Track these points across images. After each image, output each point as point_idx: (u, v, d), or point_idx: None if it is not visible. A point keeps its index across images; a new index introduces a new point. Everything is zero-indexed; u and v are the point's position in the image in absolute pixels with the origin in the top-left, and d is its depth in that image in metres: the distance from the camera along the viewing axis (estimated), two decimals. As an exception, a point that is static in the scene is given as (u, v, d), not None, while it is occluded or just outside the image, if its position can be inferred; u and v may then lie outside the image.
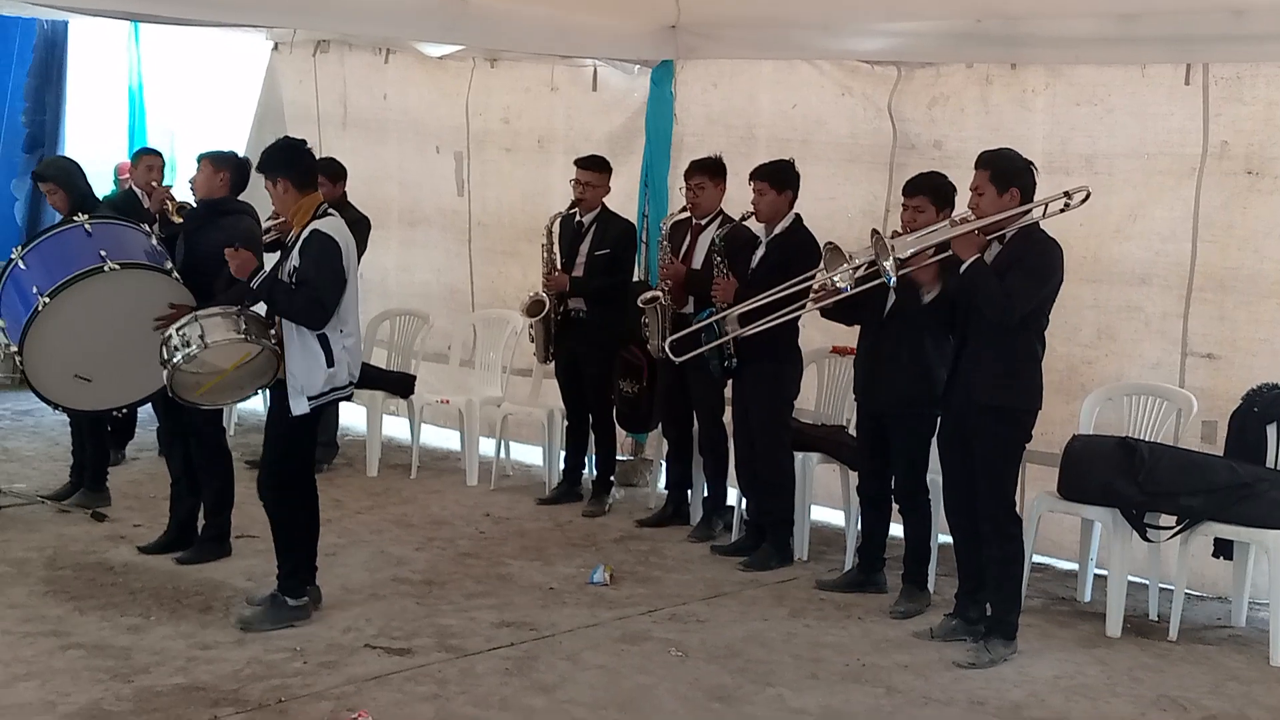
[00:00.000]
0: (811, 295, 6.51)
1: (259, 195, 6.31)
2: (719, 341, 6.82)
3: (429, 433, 9.29)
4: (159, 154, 8.76)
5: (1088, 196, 5.76)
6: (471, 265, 9.81)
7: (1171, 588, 6.25)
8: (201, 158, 6.77)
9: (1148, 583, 6.47)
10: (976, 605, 6.01)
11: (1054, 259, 5.70)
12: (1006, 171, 5.68)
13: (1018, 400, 5.74)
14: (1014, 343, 5.69)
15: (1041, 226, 5.75)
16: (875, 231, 5.91)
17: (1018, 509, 5.96)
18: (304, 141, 6.07)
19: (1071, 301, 6.72)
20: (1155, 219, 6.81)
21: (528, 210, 8.15)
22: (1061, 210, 5.75)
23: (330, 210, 5.94)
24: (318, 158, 6.51)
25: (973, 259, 5.63)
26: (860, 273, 6.00)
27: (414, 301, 9.77)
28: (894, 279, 5.78)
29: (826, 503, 7.57)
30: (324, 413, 6.09)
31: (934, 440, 6.21)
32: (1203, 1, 6.40)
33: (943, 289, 5.92)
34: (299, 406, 5.80)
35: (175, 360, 5.88)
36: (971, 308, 5.73)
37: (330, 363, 5.79)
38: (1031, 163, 5.77)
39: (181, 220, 6.97)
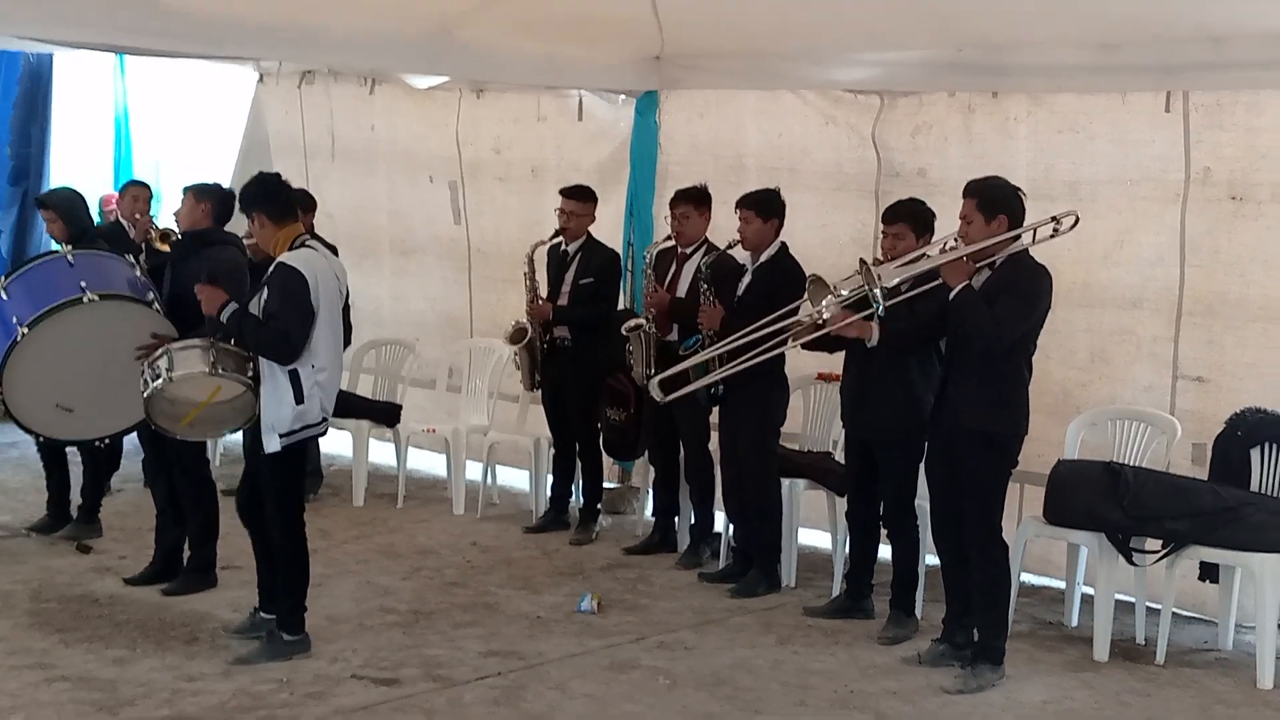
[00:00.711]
0: (793, 332, 6.47)
1: (242, 224, 6.32)
2: (708, 380, 6.78)
3: (416, 457, 9.30)
4: (146, 185, 8.79)
5: (1077, 222, 5.77)
6: (471, 293, 9.83)
7: (1159, 607, 6.26)
8: (186, 190, 6.79)
9: (1134, 601, 6.47)
10: (964, 630, 6.01)
11: (1042, 285, 5.71)
12: (994, 199, 5.70)
13: (1005, 426, 5.76)
14: (1002, 369, 5.70)
15: (1031, 253, 5.77)
16: (862, 260, 5.92)
17: (1010, 532, 5.97)
18: (278, 175, 6.07)
19: (1065, 326, 6.77)
20: (1142, 245, 6.85)
21: (525, 238, 8.20)
22: (1051, 235, 5.77)
23: (308, 242, 5.90)
24: (294, 188, 6.52)
25: (961, 286, 5.65)
26: (846, 303, 6.02)
27: (408, 330, 9.81)
28: (883, 307, 5.80)
29: (813, 525, 7.57)
30: (308, 446, 6.06)
31: (921, 465, 6.23)
32: (1182, 30, 6.45)
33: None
34: (270, 444, 5.76)
35: (146, 393, 5.91)
36: (959, 333, 5.76)
37: (299, 399, 5.73)
38: (1020, 189, 5.79)
39: (167, 249, 6.98)
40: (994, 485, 5.83)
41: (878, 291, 5.73)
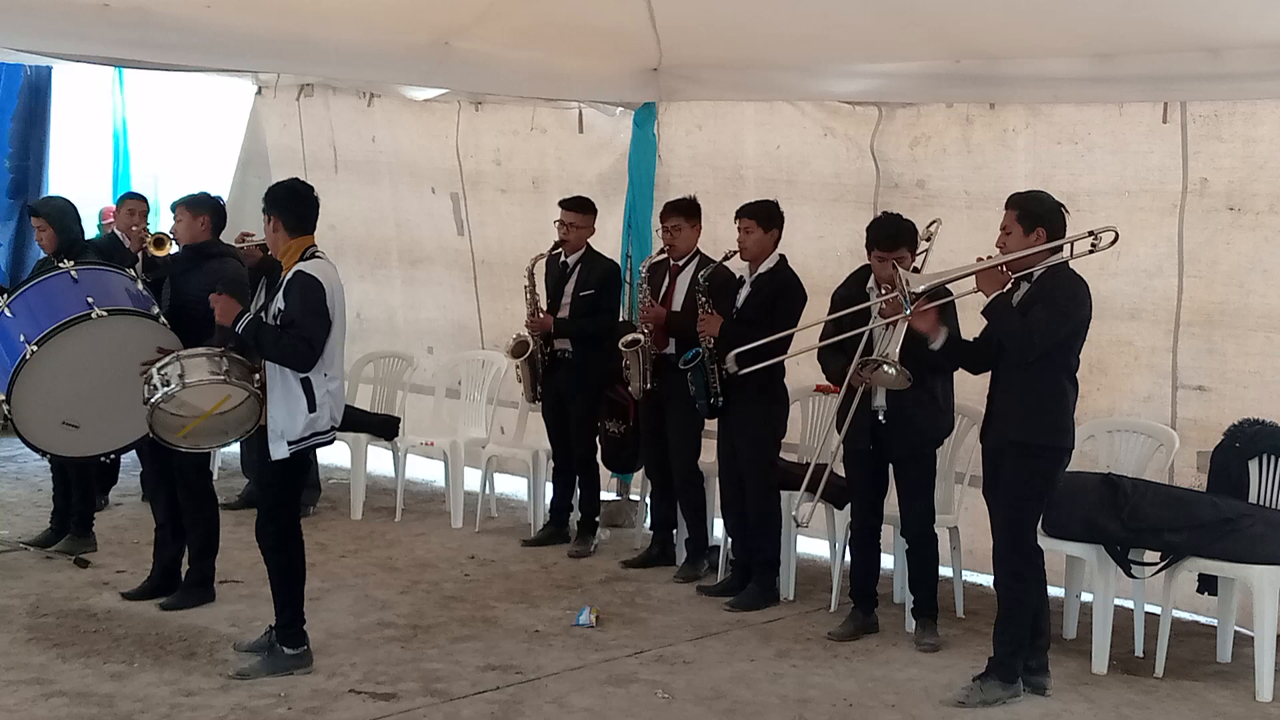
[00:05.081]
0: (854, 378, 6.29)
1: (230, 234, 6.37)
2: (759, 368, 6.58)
3: (414, 464, 9.30)
4: (143, 198, 8.80)
5: (1116, 239, 5.68)
6: (478, 303, 9.84)
7: (1158, 611, 6.23)
8: (177, 205, 6.76)
9: (1132, 607, 6.45)
10: (1038, 652, 5.92)
11: (1078, 295, 5.67)
12: (1033, 212, 5.68)
13: (1040, 436, 5.68)
14: (1039, 378, 5.64)
15: (1070, 266, 5.71)
16: (897, 268, 5.90)
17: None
18: (310, 189, 6.03)
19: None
20: (1139, 255, 6.84)
21: (528, 249, 8.22)
22: (1090, 251, 5.68)
23: (319, 253, 5.91)
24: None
25: (995, 295, 5.64)
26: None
27: (422, 338, 9.87)
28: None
29: (810, 534, 7.54)
30: (309, 456, 6.06)
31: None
32: (1179, 41, 6.45)
33: (950, 333, 5.96)
34: (278, 451, 5.77)
35: (154, 400, 5.89)
36: (996, 344, 5.74)
37: (312, 407, 5.76)
38: (1061, 205, 5.75)
39: (163, 254, 7.00)
40: (1026, 498, 5.74)
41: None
